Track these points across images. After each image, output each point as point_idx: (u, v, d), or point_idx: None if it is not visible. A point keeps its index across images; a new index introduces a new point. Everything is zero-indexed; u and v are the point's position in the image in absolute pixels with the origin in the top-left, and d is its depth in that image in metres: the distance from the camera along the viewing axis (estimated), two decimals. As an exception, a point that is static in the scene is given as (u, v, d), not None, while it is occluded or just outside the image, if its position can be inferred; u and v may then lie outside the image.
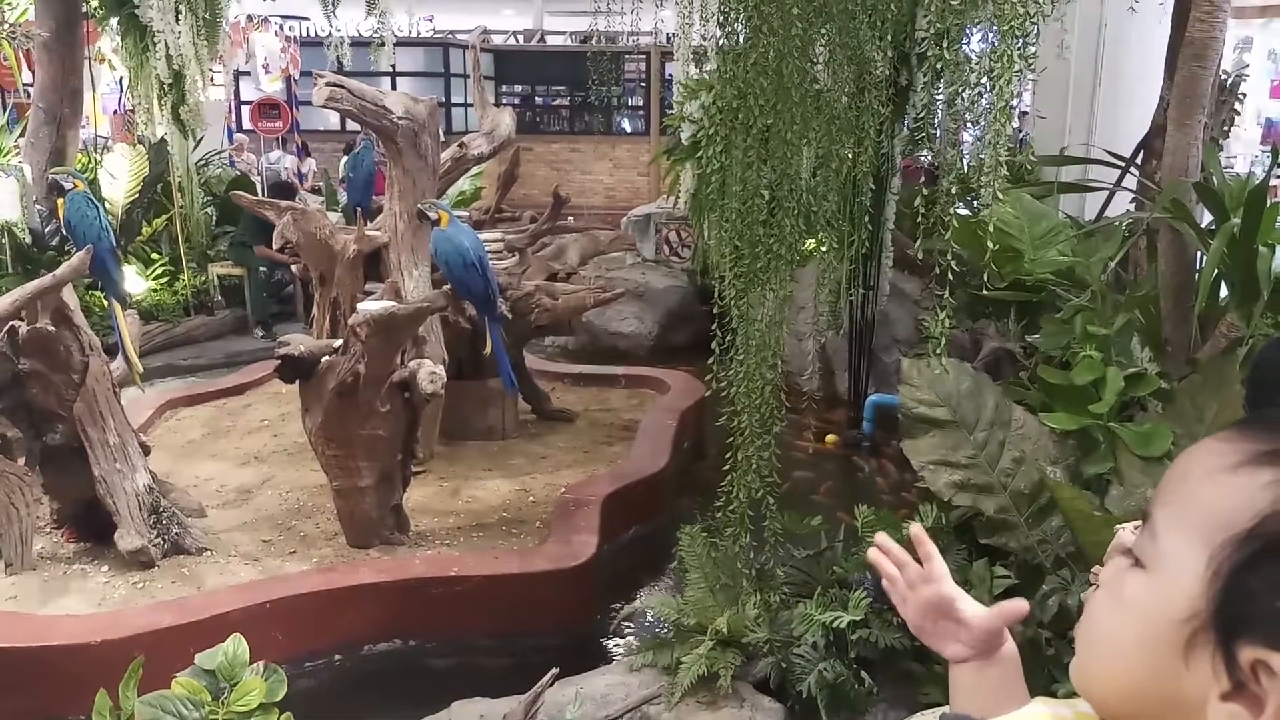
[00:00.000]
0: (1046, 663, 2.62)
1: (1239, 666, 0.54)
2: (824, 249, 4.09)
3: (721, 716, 2.92)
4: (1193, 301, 3.26)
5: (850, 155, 3.50)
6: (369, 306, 3.99)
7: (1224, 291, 3.36)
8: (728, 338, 3.02)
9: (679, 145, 8.09)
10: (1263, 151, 6.80)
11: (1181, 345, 3.29)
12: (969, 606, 0.98)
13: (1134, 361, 3.25)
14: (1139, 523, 1.52)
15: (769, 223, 3.02)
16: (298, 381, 4.02)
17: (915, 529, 1.05)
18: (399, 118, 4.82)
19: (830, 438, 5.84)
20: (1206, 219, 3.41)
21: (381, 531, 4.16)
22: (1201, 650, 0.56)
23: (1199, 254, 3.33)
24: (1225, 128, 5.34)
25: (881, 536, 1.05)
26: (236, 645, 2.41)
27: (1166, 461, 2.86)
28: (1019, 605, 1.00)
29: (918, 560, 1.01)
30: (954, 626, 0.96)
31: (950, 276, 2.67)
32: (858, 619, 2.87)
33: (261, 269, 8.43)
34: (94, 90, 9.13)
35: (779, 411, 2.98)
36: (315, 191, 10.50)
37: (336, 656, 3.66)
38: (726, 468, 3.07)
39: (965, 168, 3.31)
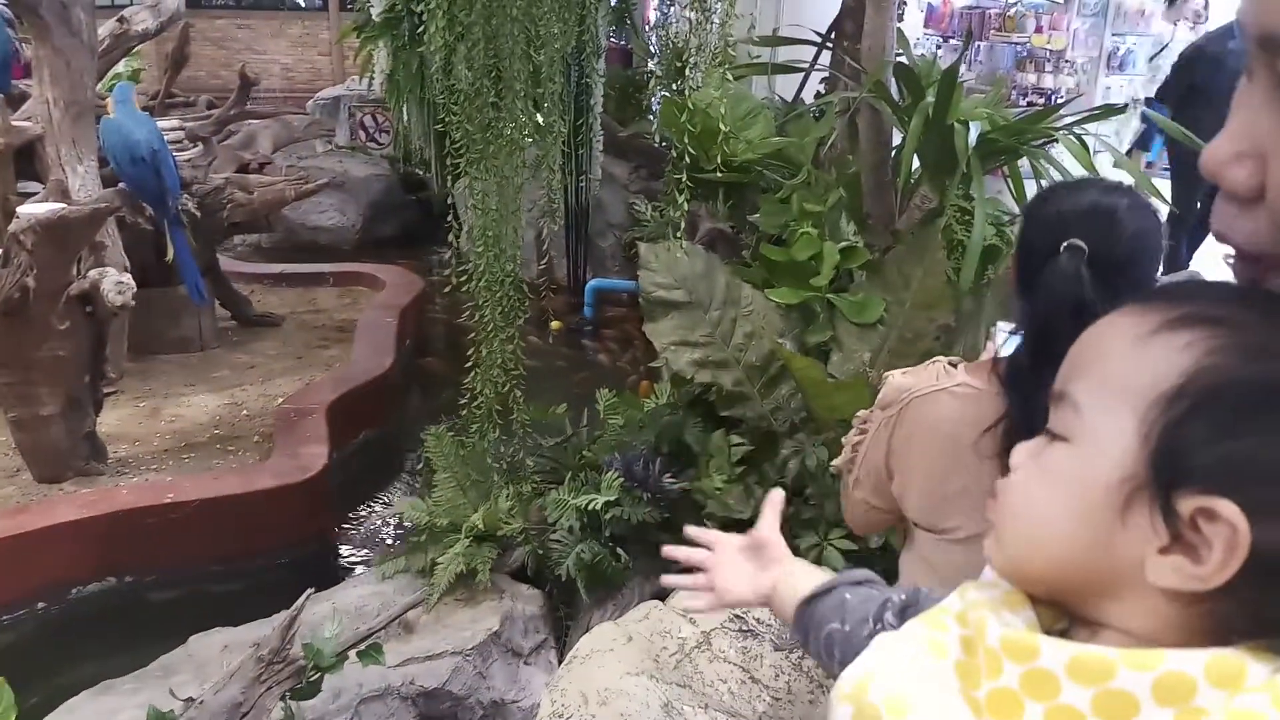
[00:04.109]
0: (788, 520, 2.81)
1: (1179, 518, 0.56)
2: (542, 133, 4.01)
3: (482, 610, 2.92)
4: (891, 177, 3.51)
5: (566, 33, 3.42)
6: (33, 209, 3.46)
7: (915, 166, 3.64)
8: (462, 230, 2.90)
9: (369, 22, 7.56)
10: (925, 34, 7.39)
11: (883, 218, 3.54)
12: (763, 528, 1.02)
13: (843, 236, 3.47)
14: (907, 370, 1.63)
15: (498, 104, 2.89)
16: (-51, 301, 3.45)
17: (688, 530, 1.08)
18: (43, -14, 4.13)
19: (555, 324, 5.86)
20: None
21: (74, 462, 3.72)
22: (1138, 510, 0.58)
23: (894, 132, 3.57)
24: (899, 10, 5.74)
25: (668, 552, 1.07)
26: (-75, 613, 2.07)
27: (880, 327, 3.12)
28: (777, 493, 1.05)
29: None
30: (763, 555, 1.00)
31: (686, 159, 2.69)
32: (611, 499, 2.93)
33: None
34: None
35: (521, 304, 2.92)
36: (-72, 75, 8.90)
37: (40, 604, 3.27)
38: (469, 364, 2.98)
39: (685, 50, 3.32)
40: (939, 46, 7.27)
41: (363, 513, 4.10)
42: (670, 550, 1.07)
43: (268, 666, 2.34)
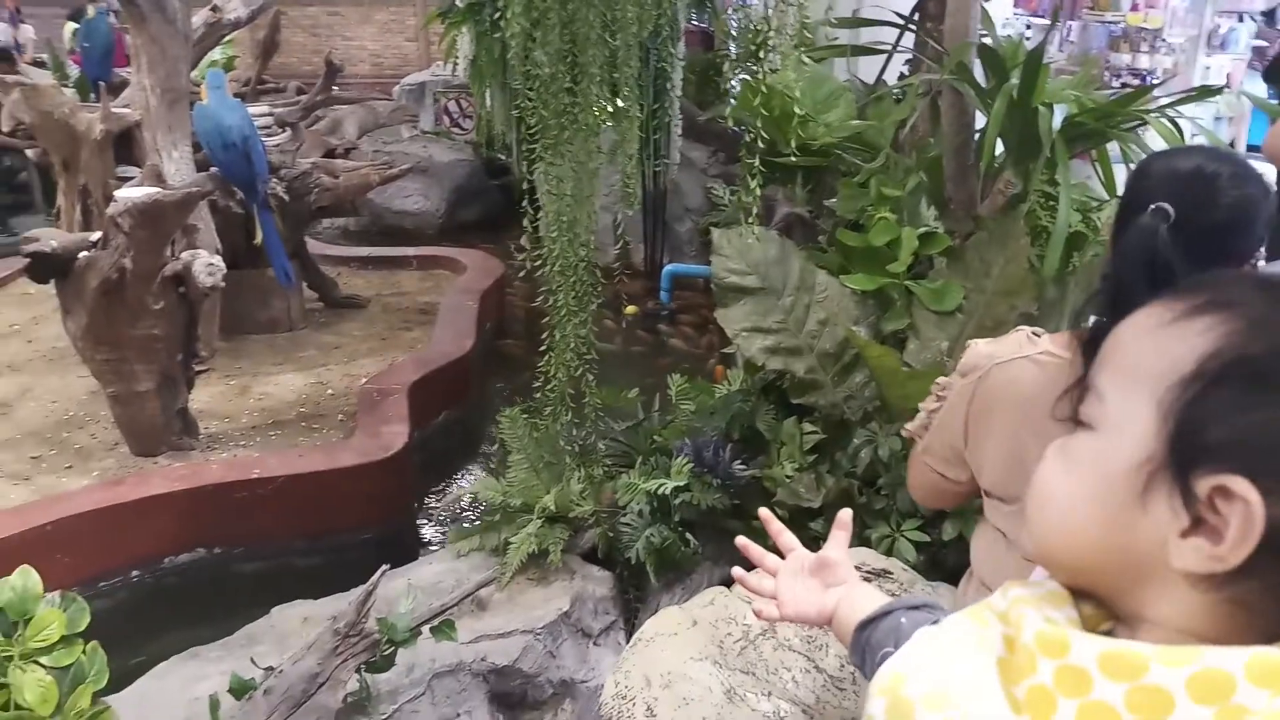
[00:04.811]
0: (859, 511, 2.79)
1: (1197, 499, 0.56)
2: (620, 118, 4.02)
3: (553, 590, 2.96)
4: (974, 161, 3.43)
5: (644, 17, 3.41)
6: (130, 193, 3.60)
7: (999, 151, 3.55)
8: (537, 214, 2.93)
9: (454, 8, 7.65)
10: (1015, 14, 7.19)
11: (964, 203, 3.47)
12: (832, 548, 1.02)
13: (923, 221, 3.41)
14: (990, 339, 1.61)
15: (573, 90, 2.90)
16: (52, 281, 3.61)
17: (763, 512, 1.13)
18: (141, -23, 4.28)
19: (630, 309, 5.88)
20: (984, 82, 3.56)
21: (169, 437, 3.87)
22: (1158, 493, 0.58)
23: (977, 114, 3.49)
24: (986, -9, 5.59)
25: (763, 515, 1.12)
26: (26, 578, 2.17)
27: (959, 315, 3.06)
28: (846, 514, 1.06)
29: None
30: (829, 575, 1.00)
31: (760, 144, 2.67)
32: (680, 484, 2.94)
33: (-16, 155, 7.44)
34: None
35: (594, 288, 2.94)
36: (38, 64, 9.28)
37: (134, 573, 3.42)
38: (543, 348, 3.01)
39: (761, 32, 3.29)
40: (1028, 26, 7.06)
41: (441, 491, 4.18)
42: (744, 543, 1.08)
43: (344, 639, 2.41)
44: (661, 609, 2.47)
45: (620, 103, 3.54)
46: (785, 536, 1.07)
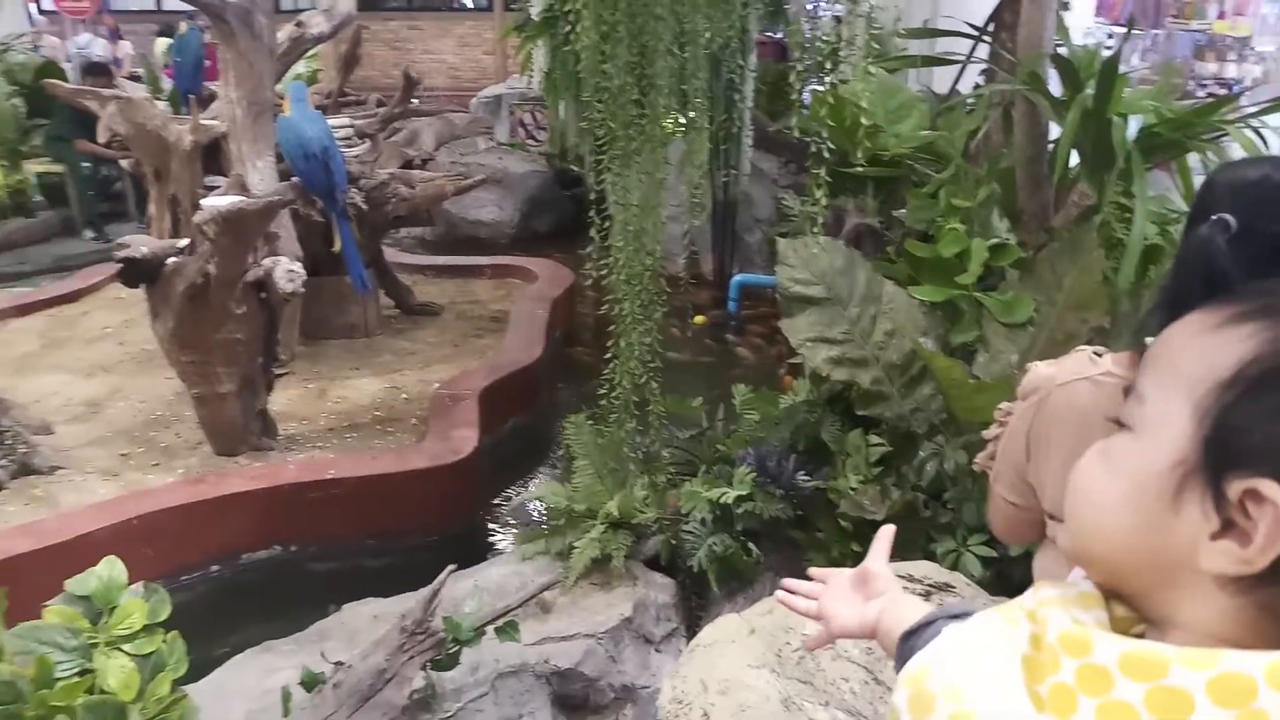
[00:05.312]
0: (924, 524, 2.77)
1: (1228, 502, 0.56)
2: (689, 129, 4.05)
3: (616, 595, 2.98)
4: (1047, 172, 3.38)
5: (714, 29, 3.44)
6: (215, 202, 3.74)
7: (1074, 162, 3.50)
8: (605, 224, 2.97)
9: (529, 21, 7.77)
10: (1097, 23, 7.05)
11: (1037, 215, 3.42)
12: (872, 560, 1.02)
13: (994, 232, 3.37)
14: (1051, 361, 1.59)
15: (641, 102, 2.94)
16: (142, 286, 3.76)
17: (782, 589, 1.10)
18: (229, -6, 4.45)
19: (699, 318, 5.90)
20: (1058, 92, 3.51)
21: (248, 438, 4.00)
22: (1190, 495, 0.58)
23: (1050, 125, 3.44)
24: (1064, 0, 5.50)
25: (786, 584, 1.09)
26: (112, 567, 2.28)
27: (1029, 328, 3.01)
28: (888, 528, 1.06)
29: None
30: (871, 587, 1.00)
31: (826, 154, 2.68)
32: (743, 493, 2.95)
33: (85, 165, 7.76)
34: None
35: (659, 297, 2.97)
36: (134, 78, 9.68)
37: (214, 568, 3.55)
38: (608, 356, 3.05)
39: (830, 42, 3.29)
40: (1110, 35, 6.92)
41: (508, 495, 4.25)
42: (788, 584, 1.09)
43: (411, 636, 2.47)
44: (721, 616, 2.48)
45: (688, 114, 3.57)
46: (821, 572, 1.07)
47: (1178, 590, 0.60)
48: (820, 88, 5.46)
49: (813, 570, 1.08)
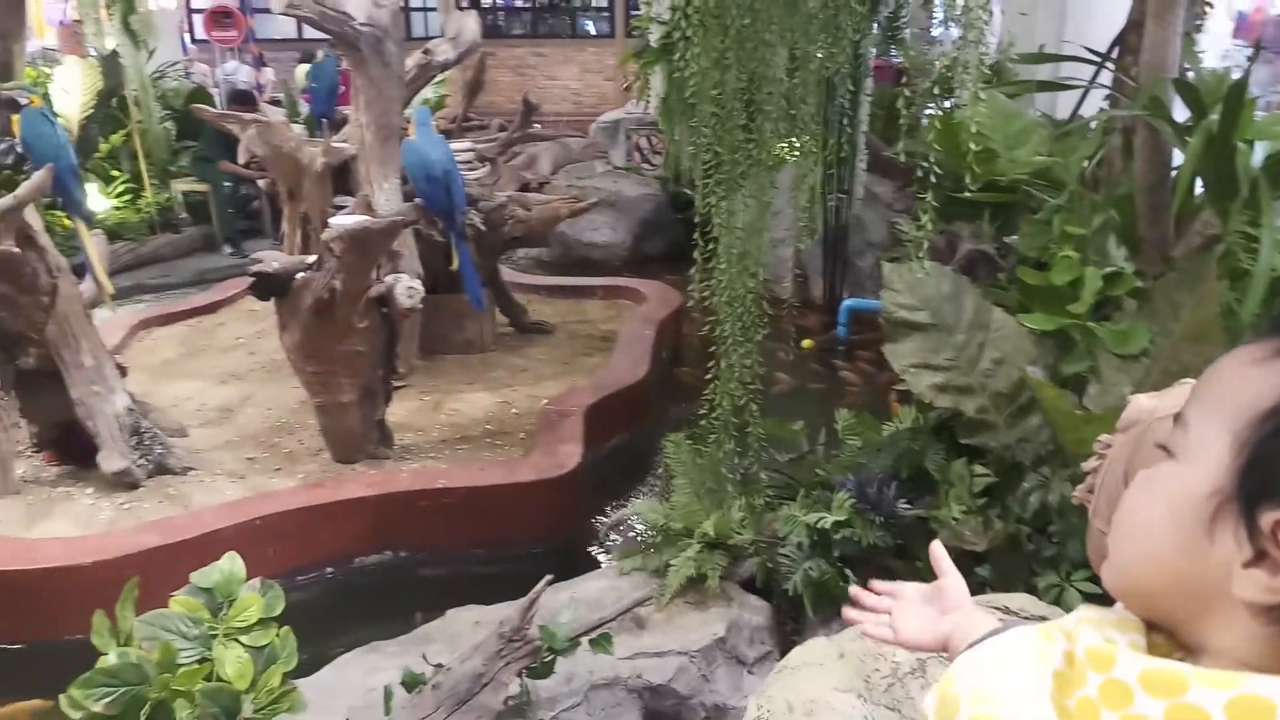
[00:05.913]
0: (1027, 558, 2.71)
1: (1261, 532, 0.57)
2: (800, 153, 4.07)
3: (711, 615, 3.00)
4: (1168, 199, 3.28)
5: (826, 55, 3.46)
6: (342, 221, 3.93)
7: (1198, 189, 3.38)
8: (709, 246, 3.01)
9: (647, 47, 7.90)
10: (1235, 46, 6.76)
11: (1157, 244, 3.32)
12: (946, 577, 1.02)
13: (1110, 261, 3.28)
14: (1153, 393, 1.56)
15: (749, 127, 2.98)
16: (273, 299, 3.98)
17: (934, 546, 1.08)
18: (361, 24, 4.69)
19: (807, 342, 5.88)
20: (1183, 116, 3.40)
21: (366, 446, 4.18)
22: (1225, 524, 0.59)
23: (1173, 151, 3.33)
24: (1198, 22, 5.30)
25: (854, 594, 1.08)
26: (233, 563, 2.42)
27: (1144, 360, 2.92)
28: (934, 544, 1.05)
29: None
30: (943, 600, 1.00)
31: (933, 179, 2.67)
32: (841, 519, 2.93)
33: (226, 184, 8.26)
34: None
35: (761, 319, 2.99)
36: (274, 103, 10.20)
37: (328, 570, 3.71)
38: (709, 376, 3.09)
39: (941, 67, 3.27)
40: (1249, 59, 6.62)
41: (610, 511, 4.31)
42: (855, 594, 1.08)
43: (508, 643, 2.54)
44: (810, 639, 2.47)
45: (798, 139, 3.60)
46: (889, 585, 1.06)
47: (1212, 617, 0.60)
48: (936, 112, 5.42)
49: (876, 583, 1.08)
